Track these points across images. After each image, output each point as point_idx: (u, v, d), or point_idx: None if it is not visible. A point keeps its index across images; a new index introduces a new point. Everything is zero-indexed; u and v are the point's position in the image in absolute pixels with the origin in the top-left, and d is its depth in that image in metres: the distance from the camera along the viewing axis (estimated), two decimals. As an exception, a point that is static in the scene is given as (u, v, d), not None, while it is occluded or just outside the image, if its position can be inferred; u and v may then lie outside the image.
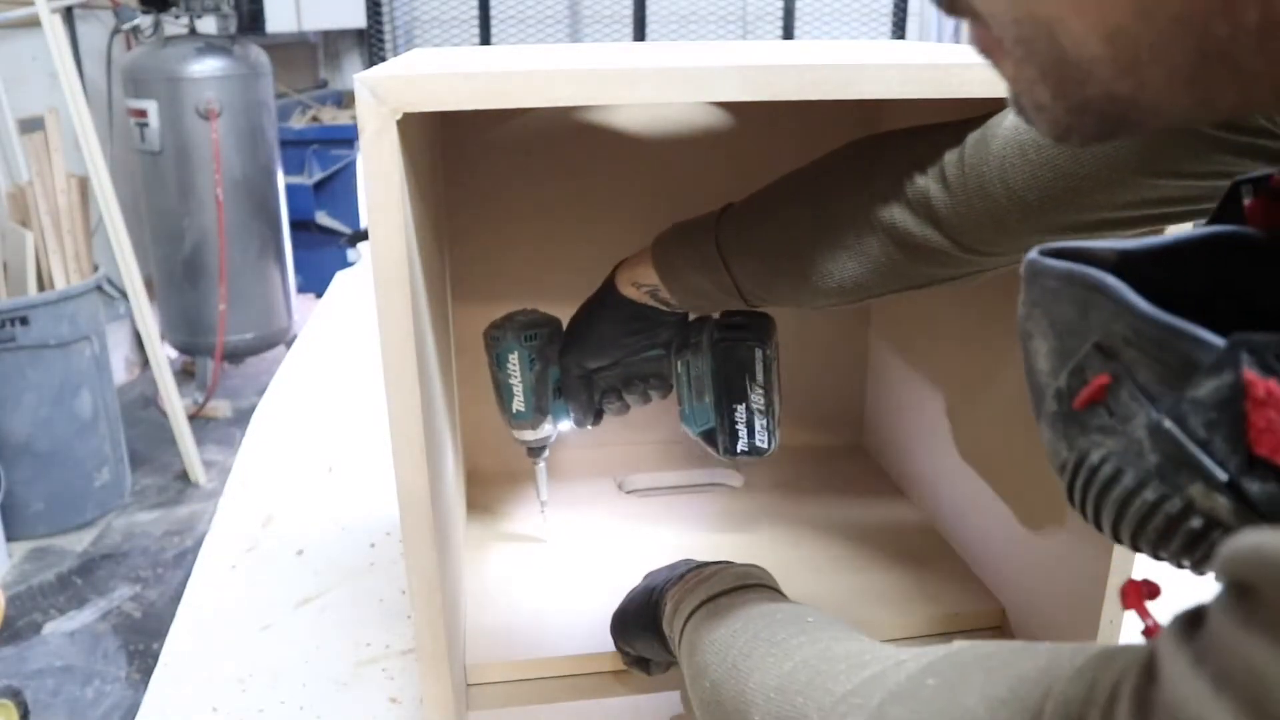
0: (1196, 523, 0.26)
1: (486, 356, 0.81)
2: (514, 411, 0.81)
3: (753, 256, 0.66)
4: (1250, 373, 0.24)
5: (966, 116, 0.78)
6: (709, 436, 0.77)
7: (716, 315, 0.76)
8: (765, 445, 0.76)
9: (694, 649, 0.55)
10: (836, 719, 0.41)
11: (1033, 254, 0.31)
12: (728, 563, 0.64)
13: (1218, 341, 0.25)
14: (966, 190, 0.56)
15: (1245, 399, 0.24)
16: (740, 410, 0.75)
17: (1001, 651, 0.36)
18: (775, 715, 0.44)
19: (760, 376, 0.74)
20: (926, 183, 0.58)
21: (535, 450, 0.85)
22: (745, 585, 0.58)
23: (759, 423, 0.75)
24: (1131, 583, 0.32)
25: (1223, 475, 0.25)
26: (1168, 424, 0.26)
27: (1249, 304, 0.29)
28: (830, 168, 0.65)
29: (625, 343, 0.76)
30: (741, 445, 0.76)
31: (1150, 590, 0.32)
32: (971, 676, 0.36)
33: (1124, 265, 0.29)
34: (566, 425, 0.83)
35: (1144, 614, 0.31)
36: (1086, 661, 0.30)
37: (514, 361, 0.79)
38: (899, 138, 0.62)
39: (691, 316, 0.77)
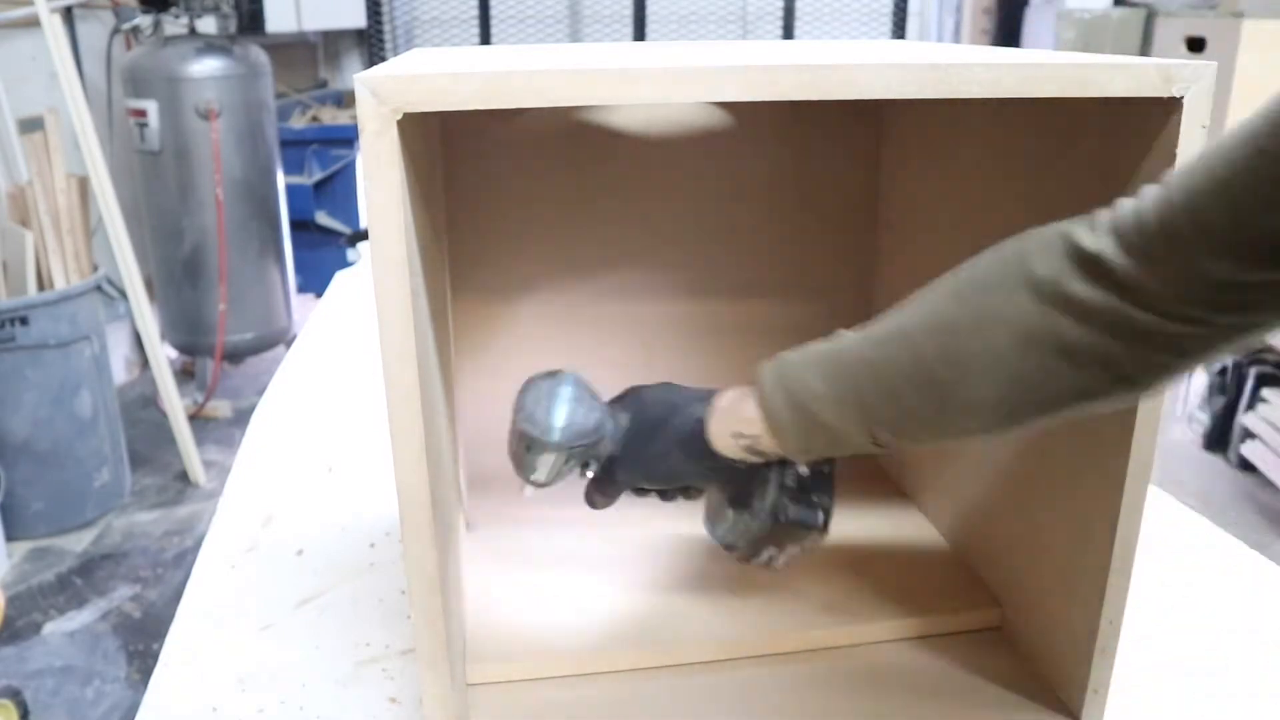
0: None
1: (513, 422, 0.71)
2: (532, 480, 0.73)
3: (892, 399, 0.56)
4: None
5: (966, 116, 0.78)
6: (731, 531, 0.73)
7: (776, 474, 0.68)
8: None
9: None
10: None
11: None
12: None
13: None
14: (1162, 228, 0.47)
15: None
16: (779, 555, 0.72)
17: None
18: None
19: (809, 542, 0.71)
20: (1098, 242, 0.49)
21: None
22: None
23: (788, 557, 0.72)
24: None
25: None
26: None
27: None
28: (970, 274, 0.55)
29: (691, 476, 0.70)
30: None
31: None
32: None
33: None
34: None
35: None
36: None
37: (548, 462, 0.71)
38: (1036, 228, 0.53)
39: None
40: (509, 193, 0.95)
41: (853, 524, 0.94)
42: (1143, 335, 0.49)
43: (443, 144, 0.91)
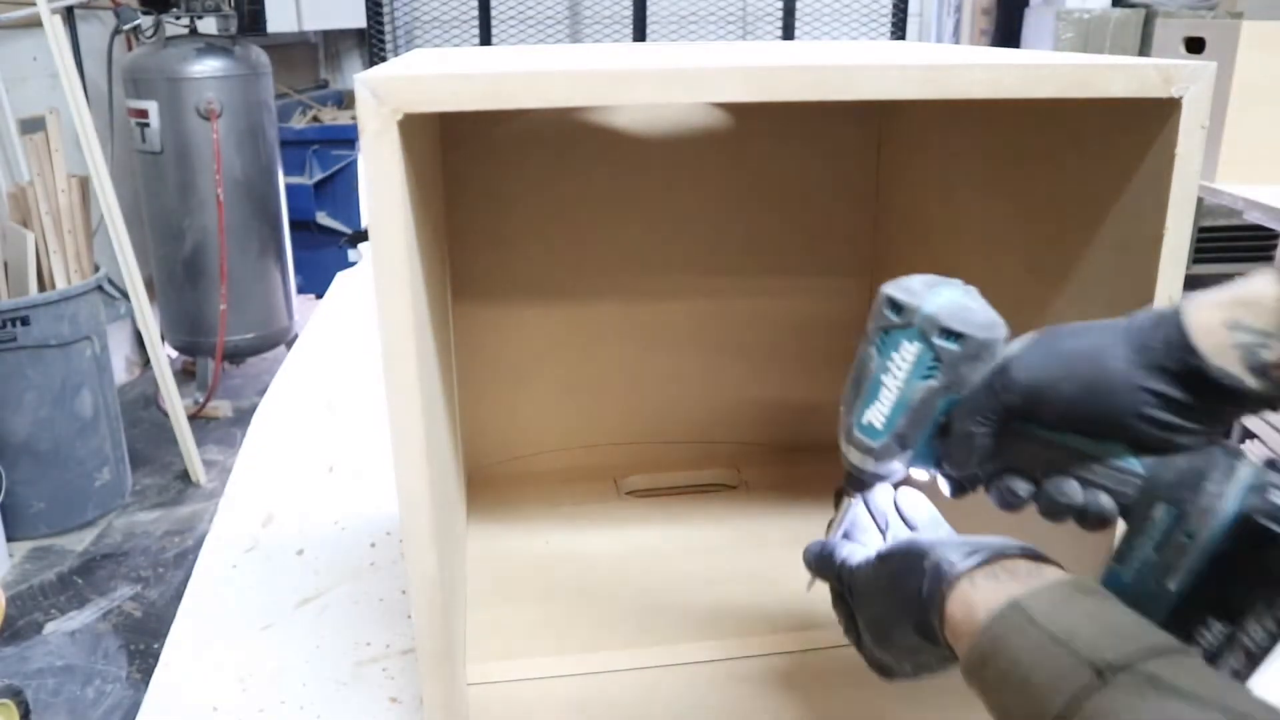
0: None
1: (869, 323, 0.53)
2: (862, 422, 0.53)
3: None
4: None
5: (966, 116, 0.78)
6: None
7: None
8: None
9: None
10: None
11: None
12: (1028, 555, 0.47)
13: None
14: None
15: None
16: (1215, 631, 0.43)
17: None
18: None
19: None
20: None
21: (858, 483, 0.56)
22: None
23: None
24: None
25: None
26: None
27: None
28: None
29: (1128, 417, 0.44)
30: None
31: None
32: None
33: None
34: (922, 475, 0.55)
35: None
36: None
37: (903, 359, 0.50)
38: None
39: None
40: (510, 193, 0.95)
41: (853, 524, 0.94)
42: None
43: (443, 144, 0.91)
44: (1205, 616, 0.43)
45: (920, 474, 0.55)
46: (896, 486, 0.59)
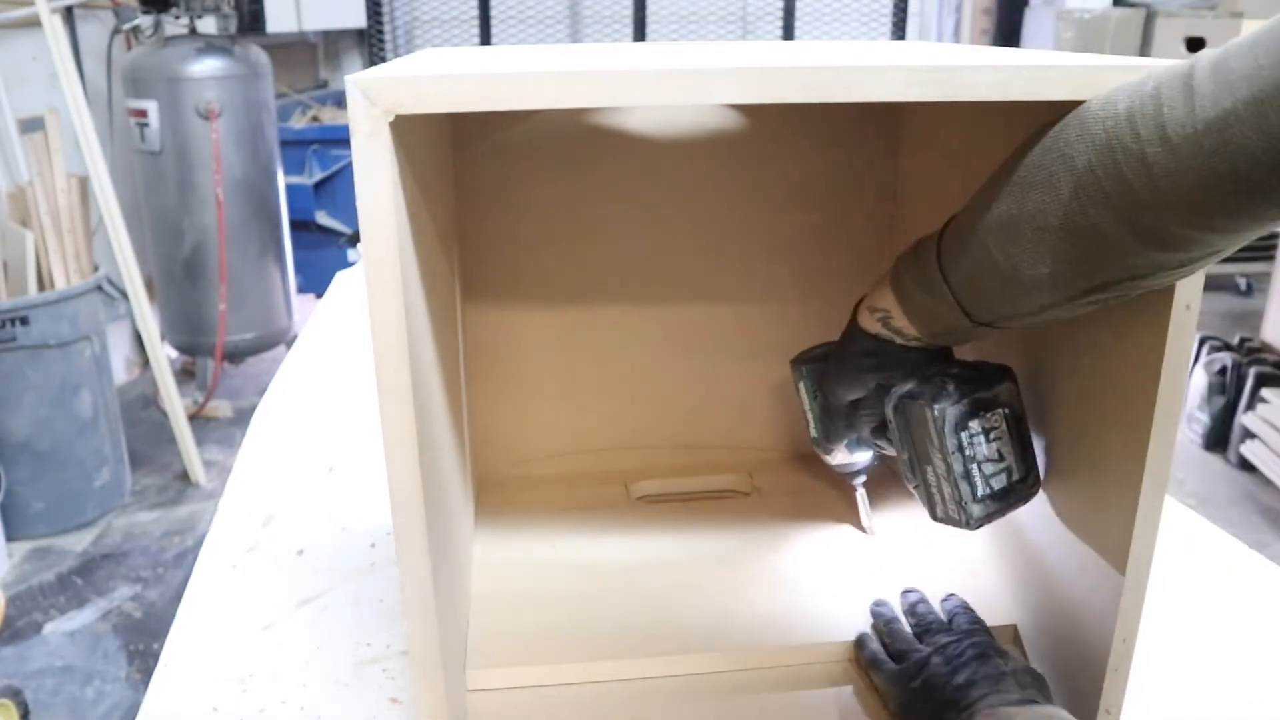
0: None
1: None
2: (810, 435, 0.85)
3: (968, 255, 0.60)
4: None
5: (982, 118, 0.77)
6: (919, 495, 0.72)
7: (911, 378, 0.70)
8: (956, 516, 0.69)
9: None
10: None
11: None
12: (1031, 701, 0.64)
13: None
14: (1199, 142, 0.45)
15: None
16: (929, 473, 0.69)
17: None
18: None
19: (935, 440, 0.67)
20: (1140, 144, 0.47)
21: (844, 474, 0.89)
22: None
23: (945, 489, 0.69)
24: None
25: None
26: None
27: None
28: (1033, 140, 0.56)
29: (864, 378, 0.73)
30: (938, 511, 0.70)
31: None
32: None
33: None
34: (863, 456, 0.85)
35: None
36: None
37: (803, 390, 0.84)
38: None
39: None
40: (521, 196, 0.95)
41: (861, 528, 0.93)
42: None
43: (454, 144, 0.90)
44: (922, 466, 0.70)
45: (860, 456, 0.86)
46: (858, 475, 0.90)
